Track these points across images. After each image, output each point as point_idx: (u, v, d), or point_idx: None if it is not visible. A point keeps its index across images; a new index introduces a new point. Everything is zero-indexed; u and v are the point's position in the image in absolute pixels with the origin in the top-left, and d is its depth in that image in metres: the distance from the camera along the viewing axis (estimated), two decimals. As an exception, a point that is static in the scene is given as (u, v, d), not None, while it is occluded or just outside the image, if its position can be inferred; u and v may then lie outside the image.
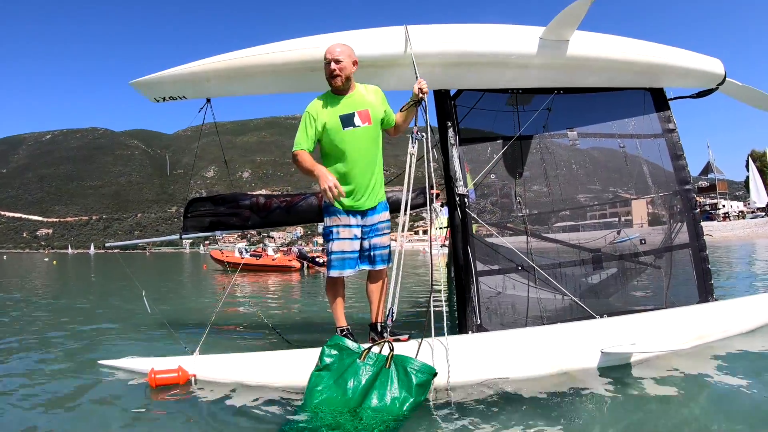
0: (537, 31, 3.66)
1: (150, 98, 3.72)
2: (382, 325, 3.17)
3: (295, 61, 3.45)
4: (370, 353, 2.75)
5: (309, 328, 5.80)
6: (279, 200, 4.24)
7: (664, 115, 4.46)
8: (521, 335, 3.35)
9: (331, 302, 3.26)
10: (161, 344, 4.80)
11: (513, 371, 3.08)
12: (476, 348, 3.19)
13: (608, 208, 4.52)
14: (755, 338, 4.01)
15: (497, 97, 4.15)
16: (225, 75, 3.56)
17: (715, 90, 4.64)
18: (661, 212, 4.45)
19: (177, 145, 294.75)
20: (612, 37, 3.97)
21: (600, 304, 3.92)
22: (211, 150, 13.83)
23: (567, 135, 4.25)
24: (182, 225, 4.27)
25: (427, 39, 3.47)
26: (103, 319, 6.79)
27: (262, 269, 20.56)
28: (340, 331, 3.13)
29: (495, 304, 3.71)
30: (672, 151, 4.40)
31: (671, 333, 3.61)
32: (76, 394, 3.16)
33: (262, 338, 4.96)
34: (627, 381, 3.08)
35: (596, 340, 3.30)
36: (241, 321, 6.24)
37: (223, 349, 4.31)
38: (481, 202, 4.05)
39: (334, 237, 3.09)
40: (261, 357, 3.30)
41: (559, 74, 3.93)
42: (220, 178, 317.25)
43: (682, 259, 4.27)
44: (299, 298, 9.87)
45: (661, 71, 4.23)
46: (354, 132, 3.04)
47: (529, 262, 3.74)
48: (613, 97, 4.36)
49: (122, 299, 9.33)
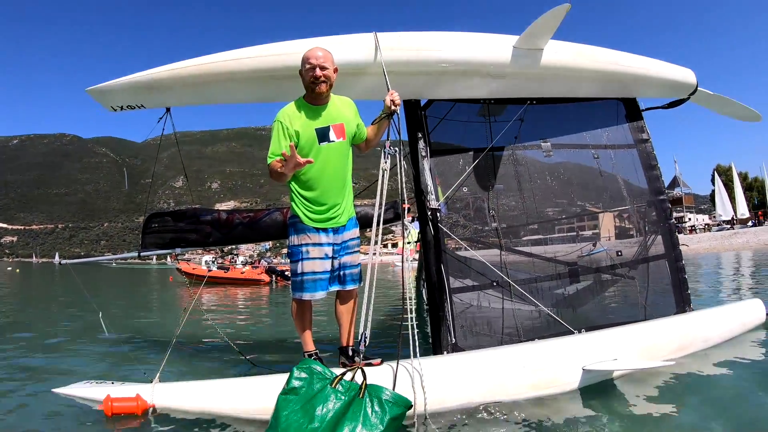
0: (510, 40, 3.57)
1: (106, 106, 3.49)
2: (353, 349, 2.98)
3: (259, 68, 3.26)
4: (342, 380, 2.55)
5: (279, 348, 5.56)
6: (241, 216, 4.02)
7: (637, 125, 4.43)
8: (500, 354, 3.20)
9: (299, 327, 3.02)
10: (120, 369, 4.48)
11: (493, 394, 2.93)
12: (454, 370, 3.02)
13: (582, 220, 4.45)
14: (735, 347, 4.01)
15: (468, 108, 4.05)
16: (184, 83, 3.33)
17: (686, 100, 4.65)
18: (636, 223, 4.40)
19: (146, 153, 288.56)
20: (585, 47, 3.91)
21: (576, 317, 3.82)
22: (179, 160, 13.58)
23: (541, 146, 4.16)
24: (141, 241, 4.01)
25: (397, 46, 3.32)
26: (60, 334, 6.47)
27: (230, 282, 20.09)
28: (307, 356, 2.93)
29: (470, 322, 3.56)
30: (645, 162, 4.37)
31: (653, 345, 3.53)
32: (23, 420, 2.99)
33: (228, 361, 4.68)
34: (609, 397, 3.00)
35: (577, 356, 3.18)
36: (206, 341, 5.92)
37: (186, 374, 4.09)
38: (453, 216, 3.91)
39: (303, 257, 2.85)
40: (226, 384, 3.04)
41: (533, 84, 3.84)
42: (188, 188, 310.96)
43: (657, 269, 4.23)
44: (268, 314, 9.58)
45: (634, 81, 4.20)
46: (329, 147, 2.84)
47: (503, 277, 3.61)
48: (585, 107, 4.31)
49: (83, 312, 8.88)
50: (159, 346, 5.39)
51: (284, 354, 5.14)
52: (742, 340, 4.17)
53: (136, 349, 5.28)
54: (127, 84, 3.34)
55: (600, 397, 3.00)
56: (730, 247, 32.21)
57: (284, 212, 3.95)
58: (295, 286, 2.89)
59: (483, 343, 3.47)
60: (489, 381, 2.97)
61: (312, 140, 2.79)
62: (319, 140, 2.81)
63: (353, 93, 3.26)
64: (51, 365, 4.66)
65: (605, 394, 3.05)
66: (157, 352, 4.97)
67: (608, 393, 3.07)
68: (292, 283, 2.93)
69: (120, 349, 5.09)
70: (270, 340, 6.16)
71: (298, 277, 2.86)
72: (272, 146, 2.77)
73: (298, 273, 2.86)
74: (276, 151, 2.73)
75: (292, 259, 2.92)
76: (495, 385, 2.96)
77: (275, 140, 2.77)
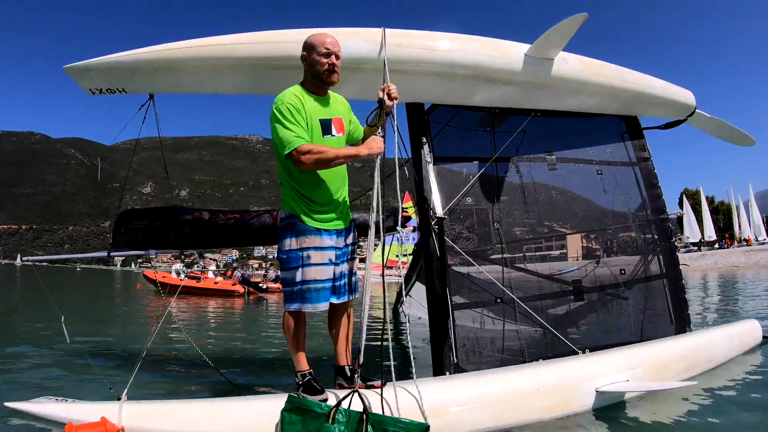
0: (522, 48, 3.44)
1: (85, 88, 3.17)
2: (351, 369, 2.68)
3: (252, 56, 3.00)
4: (339, 410, 2.26)
5: (256, 364, 5.21)
6: (226, 217, 3.70)
7: (638, 143, 4.37)
8: (512, 376, 2.99)
9: (293, 344, 2.61)
10: (84, 383, 4.07)
11: (506, 417, 2.72)
12: (463, 393, 2.78)
13: (586, 238, 4.31)
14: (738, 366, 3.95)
15: (470, 116, 3.87)
16: (170, 67, 3.04)
17: (684, 121, 4.62)
18: (638, 242, 4.28)
19: (115, 156, 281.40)
20: (594, 60, 3.83)
21: (576, 337, 3.68)
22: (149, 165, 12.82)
23: (546, 159, 4.01)
24: (112, 240, 3.66)
25: (406, 44, 3.12)
26: (17, 342, 6.02)
27: (202, 293, 19.35)
28: (301, 377, 2.55)
29: (472, 341, 3.33)
30: (647, 180, 4.29)
31: (662, 365, 3.42)
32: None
33: (200, 377, 4.31)
34: (624, 419, 2.90)
35: (590, 377, 3.04)
36: (179, 355, 5.51)
37: (155, 391, 3.73)
38: (456, 228, 3.68)
39: (304, 263, 2.48)
40: (205, 406, 2.70)
41: (539, 94, 3.72)
42: (157, 194, 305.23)
43: (656, 289, 4.14)
44: (244, 328, 9.09)
45: (638, 99, 4.13)
46: (330, 141, 2.55)
47: (509, 294, 3.40)
48: (588, 122, 4.21)
49: (44, 317, 8.38)
50: (124, 359, 5.02)
51: (262, 370, 4.82)
52: (742, 361, 4.10)
53: (100, 361, 4.87)
54: (108, 63, 3.03)
55: (614, 417, 2.89)
56: (699, 268, 33.02)
57: (274, 215, 3.66)
58: (292, 297, 2.52)
59: (485, 363, 3.25)
60: (501, 404, 2.76)
61: (317, 131, 2.50)
62: (322, 132, 2.53)
63: (347, 92, 3.02)
64: (5, 375, 4.26)
65: (619, 414, 2.95)
66: (123, 365, 4.60)
67: (621, 414, 2.97)
68: (288, 293, 2.55)
69: (83, 361, 4.65)
70: (246, 355, 5.77)
71: (298, 286, 2.49)
72: (293, 129, 2.37)
73: (297, 281, 2.49)
74: (302, 133, 2.39)
75: (288, 266, 2.53)
76: (508, 408, 2.74)
77: (290, 123, 2.38)
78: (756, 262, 32.63)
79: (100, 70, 3.04)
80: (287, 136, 2.35)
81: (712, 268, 31.56)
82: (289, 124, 2.38)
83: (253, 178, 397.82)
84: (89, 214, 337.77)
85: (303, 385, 2.53)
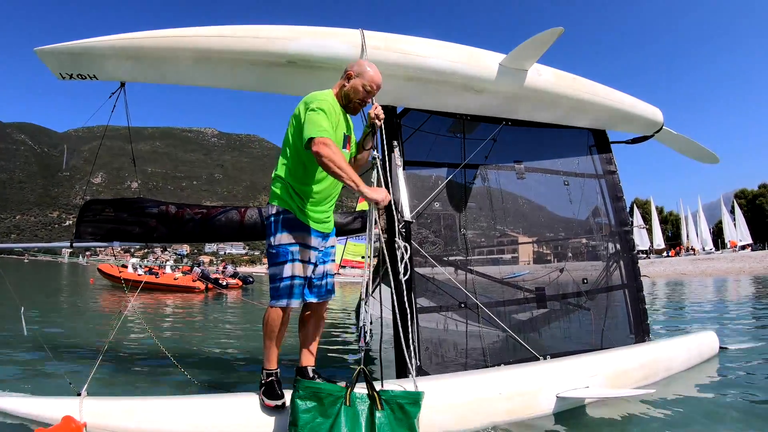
0: (497, 57, 3.50)
1: (55, 72, 3.06)
2: (313, 370, 2.71)
3: (229, 50, 2.96)
4: (353, 392, 2.38)
5: (218, 361, 5.13)
6: (193, 211, 3.63)
7: (606, 156, 4.50)
8: (476, 380, 3.05)
9: (270, 340, 2.57)
10: (42, 378, 3.96)
11: (468, 420, 2.79)
12: (430, 396, 2.79)
13: (550, 246, 4.43)
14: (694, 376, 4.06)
15: (441, 122, 3.93)
16: (146, 55, 2.97)
17: (651, 137, 4.76)
18: (601, 252, 4.42)
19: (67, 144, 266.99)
20: (567, 74, 3.91)
21: (537, 343, 3.75)
22: (101, 155, 12.41)
23: (514, 168, 4.10)
24: (75, 230, 3.54)
25: (383, 47, 3.14)
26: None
27: (161, 288, 18.81)
28: (267, 375, 2.56)
29: (435, 344, 3.38)
30: (612, 192, 4.42)
31: (621, 373, 3.53)
32: None
33: (164, 374, 4.23)
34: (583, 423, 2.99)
35: (551, 383, 3.13)
36: (138, 351, 5.39)
37: (117, 388, 3.67)
38: (422, 232, 3.73)
39: (291, 258, 2.49)
40: (166, 403, 2.63)
41: (511, 104, 3.79)
42: (108, 185, 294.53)
43: (616, 298, 4.26)
44: (204, 325, 8.89)
45: (608, 114, 4.25)
46: (344, 155, 2.61)
47: (473, 299, 3.47)
48: (557, 134, 4.31)
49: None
50: (82, 355, 4.92)
51: (223, 367, 4.76)
52: (699, 370, 4.23)
53: (58, 356, 4.70)
54: (81, 48, 2.94)
55: (574, 422, 2.99)
56: (649, 274, 34.24)
57: (241, 212, 3.62)
58: (279, 293, 2.49)
59: (448, 366, 3.31)
60: (464, 407, 2.82)
61: (339, 142, 2.55)
62: (342, 144, 2.61)
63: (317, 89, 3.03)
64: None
65: (579, 419, 3.05)
66: (81, 360, 4.50)
67: (581, 418, 3.07)
68: (275, 288, 2.52)
69: (41, 355, 4.56)
70: (207, 352, 5.66)
71: (286, 281, 2.48)
72: (326, 125, 2.40)
73: (285, 276, 2.48)
74: (328, 128, 2.40)
75: (277, 260, 2.51)
76: (470, 412, 2.81)
77: (324, 119, 2.42)
78: (703, 271, 34.18)
79: (72, 54, 2.95)
80: (322, 125, 2.38)
81: (660, 274, 32.78)
82: (325, 120, 2.41)
83: (207, 172, 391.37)
84: (38, 203, 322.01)
85: (265, 386, 2.54)
